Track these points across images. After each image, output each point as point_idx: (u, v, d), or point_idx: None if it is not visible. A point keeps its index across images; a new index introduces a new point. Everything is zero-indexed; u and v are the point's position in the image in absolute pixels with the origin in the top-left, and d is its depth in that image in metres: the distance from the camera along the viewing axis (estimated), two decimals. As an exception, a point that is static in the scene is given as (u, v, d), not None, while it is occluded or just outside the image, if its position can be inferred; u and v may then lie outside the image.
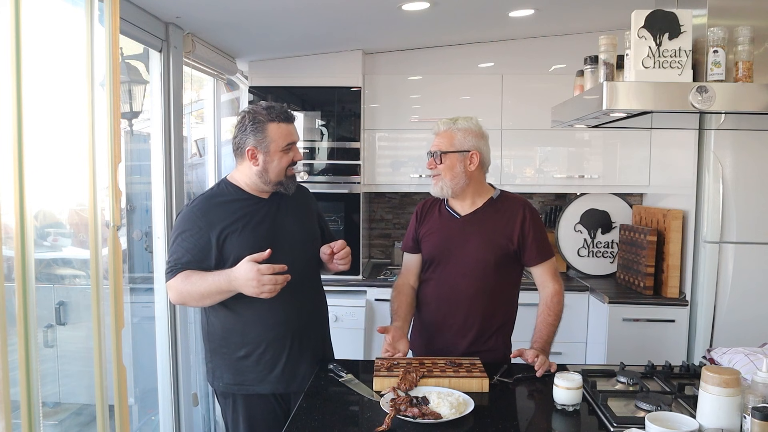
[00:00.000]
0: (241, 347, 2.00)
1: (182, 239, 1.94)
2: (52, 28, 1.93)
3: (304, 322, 2.05)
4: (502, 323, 2.16)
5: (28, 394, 1.48)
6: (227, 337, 2.01)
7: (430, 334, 2.19)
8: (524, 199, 2.20)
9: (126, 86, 2.85)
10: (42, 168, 1.73)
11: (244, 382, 2.01)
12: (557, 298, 2.12)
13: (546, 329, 2.08)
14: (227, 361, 2.01)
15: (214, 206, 1.98)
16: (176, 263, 1.93)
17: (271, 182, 2.01)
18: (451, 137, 2.09)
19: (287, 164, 2.00)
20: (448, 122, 2.11)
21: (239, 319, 1.99)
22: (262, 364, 2.00)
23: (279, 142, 1.97)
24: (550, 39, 3.53)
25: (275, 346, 2.00)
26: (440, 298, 2.16)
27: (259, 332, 1.99)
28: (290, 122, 2.02)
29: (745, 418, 1.37)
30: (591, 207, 3.71)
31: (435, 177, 2.12)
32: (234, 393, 2.02)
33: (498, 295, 2.14)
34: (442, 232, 2.16)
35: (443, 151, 2.08)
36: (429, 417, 1.55)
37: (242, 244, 1.93)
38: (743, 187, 2.88)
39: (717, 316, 2.93)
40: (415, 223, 2.26)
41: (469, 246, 2.11)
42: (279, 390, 2.01)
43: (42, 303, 2.37)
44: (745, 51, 1.83)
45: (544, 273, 2.15)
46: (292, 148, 2.02)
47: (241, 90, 3.84)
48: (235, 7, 2.55)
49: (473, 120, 2.12)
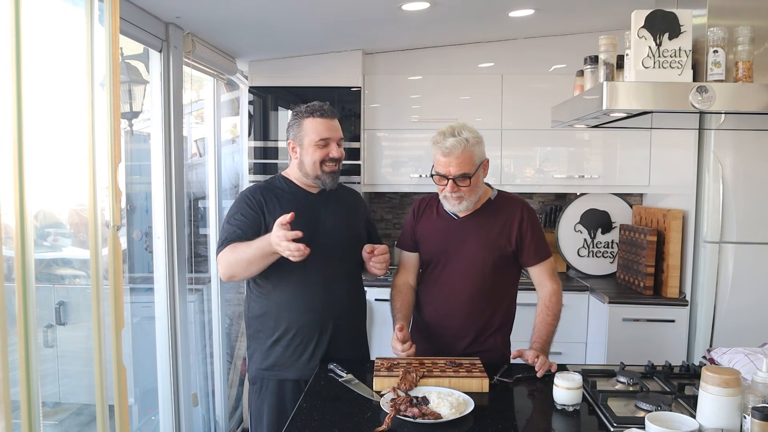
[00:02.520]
0: (274, 331, 2.10)
1: (235, 219, 2.06)
2: (52, 28, 1.93)
3: (336, 315, 2.11)
4: (501, 323, 2.16)
5: (28, 394, 1.48)
6: (263, 321, 2.12)
7: (429, 334, 2.19)
8: (522, 199, 2.20)
9: (126, 86, 2.86)
10: (42, 168, 1.73)
11: (274, 366, 2.10)
12: (555, 297, 2.12)
13: (545, 329, 2.08)
14: (261, 345, 2.12)
15: (267, 194, 2.10)
16: (227, 238, 2.03)
17: (309, 175, 2.12)
18: (470, 157, 1.99)
19: (321, 158, 2.08)
20: (461, 141, 1.97)
21: (273, 304, 2.10)
22: (291, 349, 2.09)
23: (312, 136, 2.07)
24: (550, 39, 3.53)
25: (305, 333, 2.08)
26: (439, 299, 2.16)
27: (291, 317, 2.08)
28: (326, 117, 2.09)
29: (745, 418, 1.37)
30: (591, 207, 3.71)
31: (456, 198, 2.04)
32: (263, 378, 2.12)
33: (496, 295, 2.14)
34: (440, 233, 2.16)
35: (470, 175, 2.00)
36: (429, 417, 1.55)
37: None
38: (743, 187, 2.88)
39: (717, 316, 2.93)
40: (412, 220, 2.25)
41: (468, 247, 2.10)
42: (306, 377, 2.05)
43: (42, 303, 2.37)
44: (745, 51, 1.83)
45: (541, 273, 2.15)
46: (328, 143, 2.08)
47: (241, 90, 3.84)
48: (235, 7, 2.55)
49: (468, 126, 2.04)
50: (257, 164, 3.61)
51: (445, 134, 2.00)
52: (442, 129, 2.03)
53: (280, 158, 3.61)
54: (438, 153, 2.02)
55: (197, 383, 3.15)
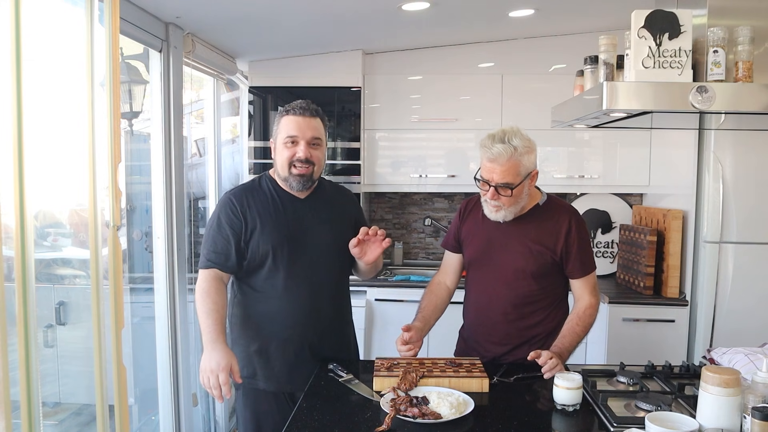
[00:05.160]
0: (254, 341, 2.03)
1: (216, 232, 1.99)
2: (52, 28, 1.93)
3: (320, 327, 2.05)
4: (549, 332, 2.06)
5: (28, 394, 1.47)
6: (244, 330, 2.05)
7: (471, 339, 2.16)
8: (571, 207, 2.11)
9: (126, 86, 2.85)
10: (42, 168, 1.73)
11: (254, 375, 2.04)
12: (590, 311, 2.03)
13: (570, 337, 1.98)
14: (243, 353, 2.03)
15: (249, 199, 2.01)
16: (207, 258, 1.99)
17: (280, 177, 2.03)
18: (516, 166, 1.89)
19: (288, 158, 1.97)
20: (508, 148, 1.87)
21: (256, 314, 2.03)
22: (271, 360, 2.02)
23: (282, 134, 1.99)
24: (550, 39, 3.53)
25: (286, 345, 2.02)
26: (480, 304, 2.12)
27: (273, 329, 2.02)
28: (299, 115, 1.97)
29: (745, 418, 1.37)
30: (591, 207, 3.71)
31: (494, 206, 1.95)
32: (245, 386, 2.05)
33: (542, 303, 2.06)
34: (484, 236, 2.08)
35: (513, 186, 1.90)
36: (429, 417, 1.55)
37: (264, 240, 1.97)
38: (743, 187, 2.88)
39: (717, 316, 2.93)
40: (458, 221, 2.18)
41: (509, 253, 2.02)
42: (285, 389, 2.02)
43: (42, 303, 2.37)
44: (745, 51, 1.83)
45: (583, 287, 2.06)
46: (296, 141, 1.96)
47: (241, 90, 3.84)
48: (235, 7, 2.55)
49: (521, 133, 1.92)
50: (257, 164, 3.61)
51: (494, 138, 1.90)
52: (493, 132, 1.93)
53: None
54: (484, 157, 1.93)
55: (197, 383, 3.14)
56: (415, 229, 4.09)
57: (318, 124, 2.01)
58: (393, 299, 3.43)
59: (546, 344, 2.06)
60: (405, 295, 3.35)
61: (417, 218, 4.08)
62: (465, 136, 3.65)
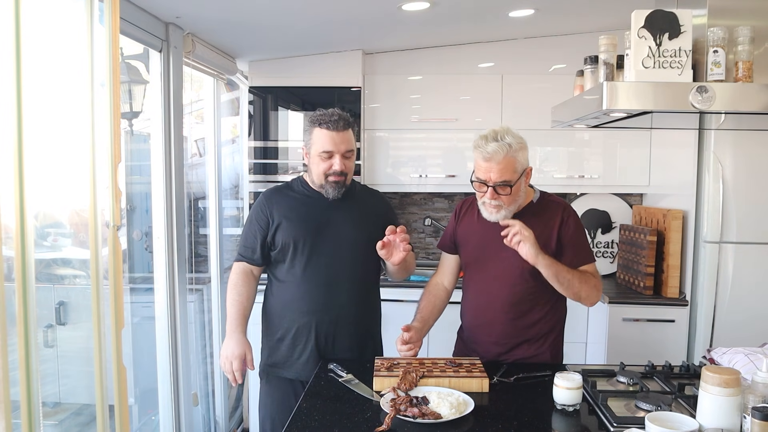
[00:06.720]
0: (278, 330, 2.18)
1: (249, 230, 2.19)
2: (53, 28, 1.92)
3: (334, 318, 2.13)
4: (548, 330, 2.07)
5: (28, 394, 1.47)
6: (271, 319, 2.21)
7: (470, 340, 2.16)
8: (564, 202, 2.11)
9: (126, 86, 2.86)
10: (42, 168, 1.73)
11: (275, 363, 2.18)
12: (594, 281, 2.01)
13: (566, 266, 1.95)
14: (269, 342, 2.21)
15: (279, 197, 2.19)
16: (240, 253, 2.20)
17: (315, 183, 2.15)
18: (512, 164, 1.91)
19: (324, 171, 2.09)
20: (503, 146, 1.89)
21: (278, 303, 2.18)
22: (291, 348, 2.15)
23: (317, 146, 2.09)
24: (550, 39, 3.53)
25: (304, 333, 2.14)
26: (478, 304, 2.12)
27: (291, 317, 2.15)
28: (332, 130, 2.06)
29: (745, 418, 1.37)
30: (591, 207, 3.71)
31: (494, 207, 1.95)
32: (267, 373, 2.21)
33: (540, 301, 2.05)
34: (480, 236, 2.09)
35: (512, 183, 1.92)
36: (429, 417, 1.55)
37: (288, 233, 2.12)
38: (743, 187, 2.88)
39: (717, 316, 2.93)
40: (453, 222, 2.20)
41: (506, 252, 2.00)
42: (303, 377, 2.09)
43: (42, 303, 2.37)
44: (745, 51, 1.83)
45: None
46: (332, 155, 2.07)
47: (241, 90, 3.84)
48: (235, 7, 2.55)
49: (512, 130, 1.95)
50: (257, 164, 3.61)
51: (487, 138, 1.92)
52: (485, 132, 1.94)
53: (280, 158, 3.61)
54: (479, 157, 1.93)
55: (197, 383, 3.15)
56: (415, 229, 4.09)
57: (350, 136, 2.12)
58: (393, 299, 3.42)
59: (545, 343, 2.08)
60: (405, 295, 3.35)
61: (417, 218, 4.09)
62: (465, 136, 3.64)
